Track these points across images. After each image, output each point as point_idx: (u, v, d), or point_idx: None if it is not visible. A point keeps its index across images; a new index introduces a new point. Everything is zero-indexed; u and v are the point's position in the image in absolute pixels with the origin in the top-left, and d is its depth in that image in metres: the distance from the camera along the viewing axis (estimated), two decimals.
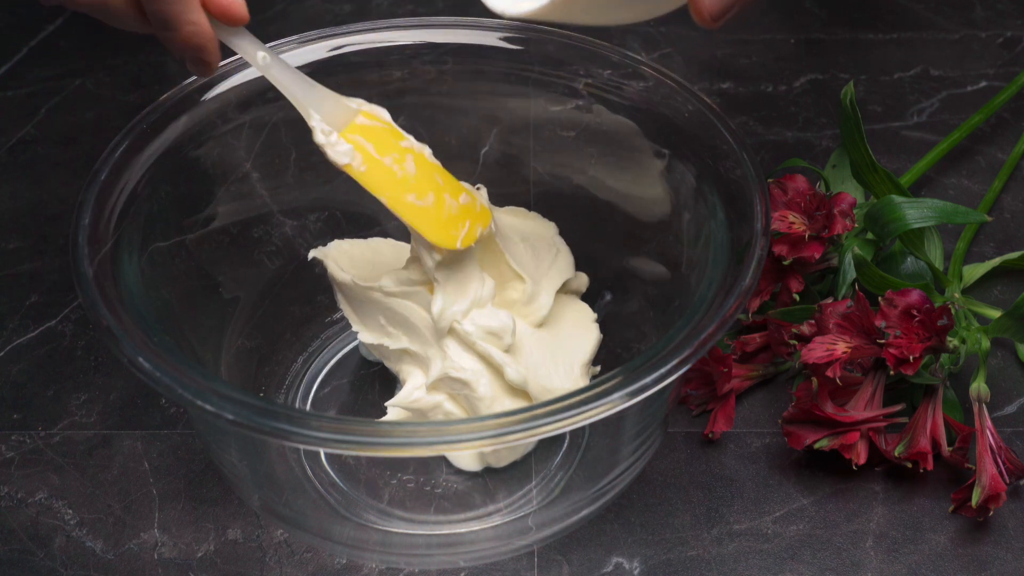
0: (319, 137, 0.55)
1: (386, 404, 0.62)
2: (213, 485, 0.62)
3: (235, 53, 0.55)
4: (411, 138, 0.58)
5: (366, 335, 0.63)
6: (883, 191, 0.69)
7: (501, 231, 0.62)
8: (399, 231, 0.67)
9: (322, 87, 0.56)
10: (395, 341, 0.62)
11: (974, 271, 0.71)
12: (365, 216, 0.69)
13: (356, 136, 0.56)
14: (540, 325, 0.62)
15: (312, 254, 0.63)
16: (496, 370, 0.59)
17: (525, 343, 0.60)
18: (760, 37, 0.91)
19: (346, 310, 0.63)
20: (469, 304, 0.59)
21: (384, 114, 0.58)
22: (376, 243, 0.65)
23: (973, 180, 0.79)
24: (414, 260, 0.60)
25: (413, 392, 0.61)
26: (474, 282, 0.60)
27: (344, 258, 0.63)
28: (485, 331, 0.59)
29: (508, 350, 0.59)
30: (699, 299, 0.53)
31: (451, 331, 0.59)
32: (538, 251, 0.64)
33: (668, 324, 0.53)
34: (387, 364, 0.64)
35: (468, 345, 0.59)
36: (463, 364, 0.59)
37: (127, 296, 0.53)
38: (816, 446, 0.60)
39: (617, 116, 0.63)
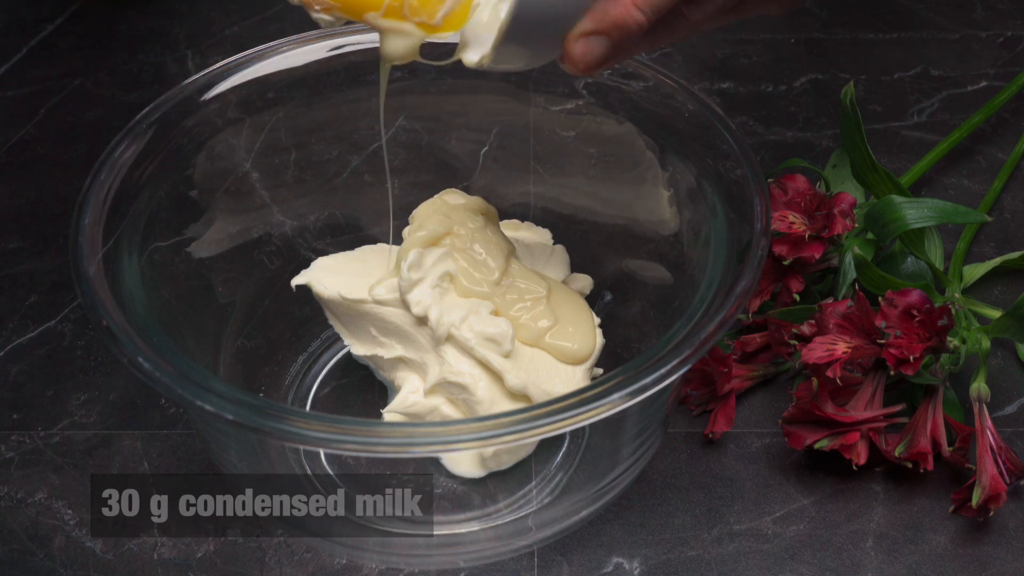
0: (293, 2, 0.54)
1: (383, 411, 0.62)
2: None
3: (235, 52, 0.54)
4: None
5: (359, 348, 0.62)
6: (883, 191, 0.69)
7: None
8: (388, 236, 0.67)
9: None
10: (389, 351, 0.61)
11: (974, 271, 0.71)
12: (364, 216, 0.69)
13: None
14: None
15: (295, 282, 0.62)
16: (495, 374, 0.59)
17: (525, 348, 0.60)
18: (760, 37, 0.91)
19: (336, 326, 0.63)
20: (466, 311, 0.59)
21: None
22: (363, 252, 0.65)
23: (973, 180, 0.79)
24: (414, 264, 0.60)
25: (409, 397, 0.61)
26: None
27: (328, 275, 0.62)
28: (483, 337, 0.59)
29: (507, 356, 0.59)
30: (699, 299, 0.53)
31: (449, 337, 0.59)
32: (533, 251, 0.64)
33: (668, 324, 0.53)
34: (380, 374, 0.64)
35: (467, 351, 0.59)
36: (461, 368, 0.59)
37: (127, 296, 0.53)
38: (816, 446, 0.60)
39: (617, 116, 0.63)
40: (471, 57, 0.52)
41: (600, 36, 0.49)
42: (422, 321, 0.59)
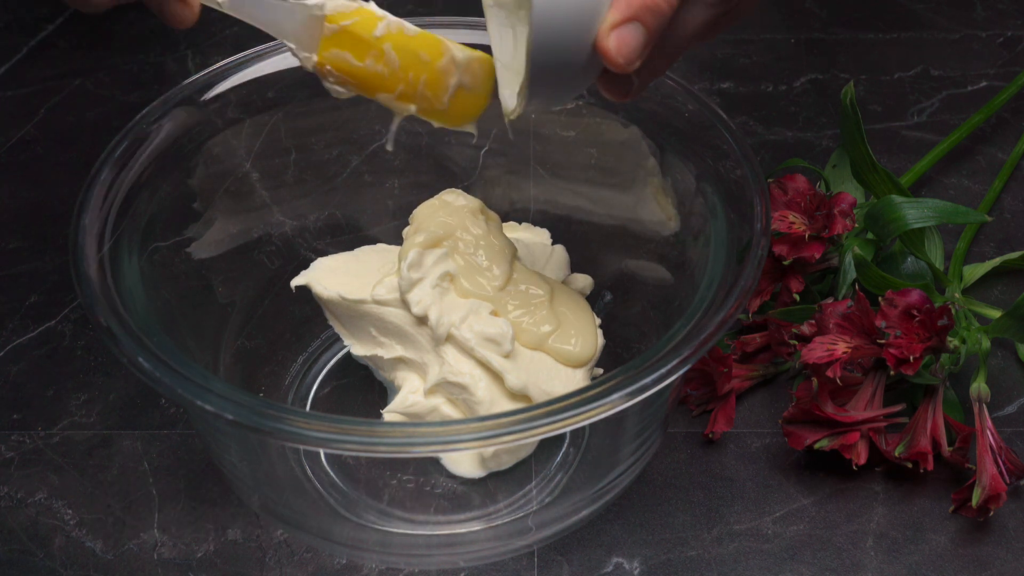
0: (308, 68, 0.54)
1: (383, 411, 0.62)
2: (213, 485, 0.62)
3: (235, 52, 0.54)
4: (387, 16, 0.54)
5: (359, 348, 0.62)
6: (883, 191, 0.69)
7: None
8: (388, 236, 0.67)
9: (285, 4, 0.52)
10: (389, 351, 0.61)
11: (974, 271, 0.71)
12: (363, 216, 0.69)
13: (332, 53, 0.53)
14: None
15: (295, 282, 0.62)
16: (495, 375, 0.59)
17: (526, 348, 0.60)
18: (760, 37, 0.91)
19: (336, 326, 0.63)
20: (466, 311, 0.59)
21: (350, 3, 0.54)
22: (363, 252, 0.64)
23: (973, 180, 0.79)
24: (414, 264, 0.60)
25: (409, 397, 0.61)
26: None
27: (328, 275, 0.62)
28: (483, 338, 0.59)
29: (507, 356, 0.59)
30: (699, 299, 0.53)
31: (449, 337, 0.59)
32: (532, 251, 0.64)
33: (668, 324, 0.53)
34: (380, 374, 0.64)
35: (467, 351, 0.59)
36: (461, 368, 0.59)
37: (127, 296, 0.53)
38: (816, 446, 0.60)
39: (617, 116, 0.63)
40: (506, 107, 0.54)
41: (631, 23, 0.47)
42: (422, 321, 0.59)
